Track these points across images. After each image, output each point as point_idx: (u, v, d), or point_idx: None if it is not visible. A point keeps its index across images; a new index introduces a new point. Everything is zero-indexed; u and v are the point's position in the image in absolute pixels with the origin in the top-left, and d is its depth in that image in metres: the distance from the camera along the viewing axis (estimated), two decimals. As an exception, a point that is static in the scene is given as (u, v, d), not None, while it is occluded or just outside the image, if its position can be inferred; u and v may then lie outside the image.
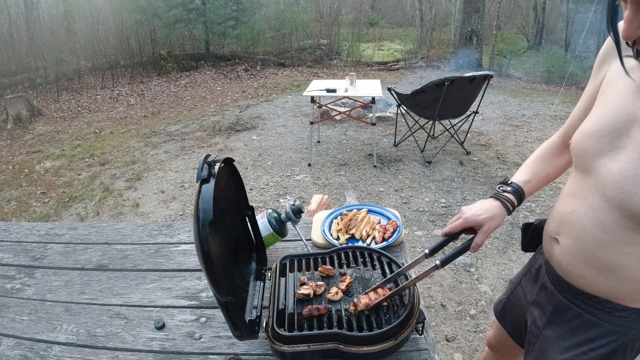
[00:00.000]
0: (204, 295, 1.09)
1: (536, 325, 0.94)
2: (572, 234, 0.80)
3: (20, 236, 1.43)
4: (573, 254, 0.80)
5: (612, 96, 0.75)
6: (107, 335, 0.96)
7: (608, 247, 0.74)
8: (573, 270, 0.82)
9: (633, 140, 0.69)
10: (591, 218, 0.75)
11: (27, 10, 9.27)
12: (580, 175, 0.79)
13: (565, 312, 0.87)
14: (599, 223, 0.74)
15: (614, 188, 0.70)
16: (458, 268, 2.55)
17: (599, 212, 0.74)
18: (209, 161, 0.85)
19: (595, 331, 0.82)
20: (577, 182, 0.80)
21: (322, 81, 4.62)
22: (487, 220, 0.87)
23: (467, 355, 1.93)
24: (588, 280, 0.80)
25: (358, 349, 0.79)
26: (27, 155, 4.92)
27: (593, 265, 0.77)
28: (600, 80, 0.81)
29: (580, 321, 0.84)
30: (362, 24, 12.12)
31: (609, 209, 0.72)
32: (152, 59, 9.05)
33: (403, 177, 3.85)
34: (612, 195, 0.71)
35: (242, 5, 9.97)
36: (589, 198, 0.76)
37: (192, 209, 1.99)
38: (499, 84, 7.78)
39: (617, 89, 0.74)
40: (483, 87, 4.03)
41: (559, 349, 0.86)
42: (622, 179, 0.69)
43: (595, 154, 0.74)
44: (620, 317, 0.79)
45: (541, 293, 0.94)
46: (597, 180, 0.74)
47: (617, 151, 0.71)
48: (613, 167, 0.71)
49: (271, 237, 1.19)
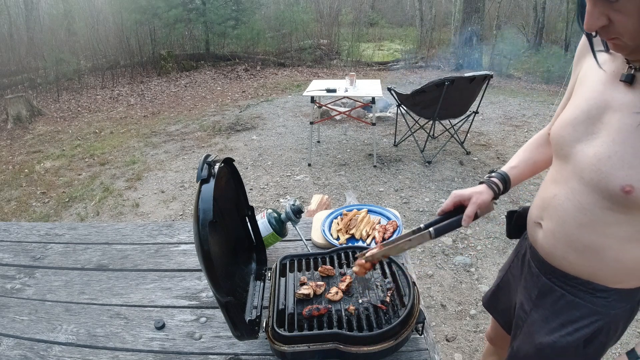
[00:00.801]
0: (204, 295, 1.09)
1: (523, 310, 0.96)
2: (554, 217, 0.84)
3: (20, 236, 1.43)
4: (556, 237, 0.84)
5: (586, 87, 0.80)
6: (107, 335, 0.96)
7: (589, 228, 0.77)
8: (556, 253, 0.85)
9: (606, 124, 0.73)
10: (571, 201, 0.79)
11: (27, 10, 9.27)
12: (560, 162, 0.84)
13: (549, 294, 0.89)
14: (579, 205, 0.78)
15: (591, 171, 0.74)
16: (458, 268, 2.55)
17: (579, 195, 0.77)
18: (209, 161, 0.85)
19: (579, 312, 0.84)
20: (557, 169, 0.85)
21: (322, 81, 4.62)
22: (474, 193, 0.93)
23: (467, 355, 1.93)
24: (570, 261, 0.83)
25: (358, 349, 0.79)
26: (27, 155, 4.92)
27: (574, 246, 0.80)
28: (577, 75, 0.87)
29: (564, 302, 0.86)
30: (362, 24, 12.12)
31: (587, 192, 0.76)
32: (152, 59, 9.05)
33: (403, 177, 3.85)
34: (590, 177, 0.75)
35: (242, 5, 9.97)
36: (568, 183, 0.80)
37: (192, 209, 1.99)
38: (499, 84, 7.78)
39: (590, 80, 0.80)
40: (483, 87, 4.03)
41: (545, 330, 0.89)
42: (598, 161, 0.73)
43: (573, 141, 0.79)
44: (601, 298, 0.82)
45: (527, 277, 0.97)
46: (575, 165, 0.78)
47: (592, 136, 0.75)
48: (589, 151, 0.75)
49: (271, 237, 1.19)
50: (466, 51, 9.05)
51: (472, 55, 9.02)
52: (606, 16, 0.63)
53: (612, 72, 0.74)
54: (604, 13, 0.63)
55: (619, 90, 0.72)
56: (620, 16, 0.62)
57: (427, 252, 2.73)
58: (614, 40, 0.66)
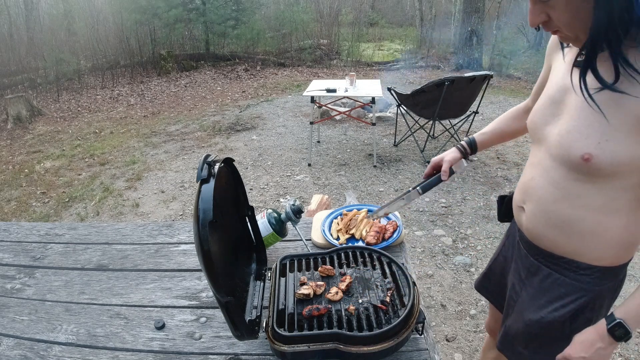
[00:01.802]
0: (204, 295, 1.09)
1: (515, 290, 1.01)
2: (534, 198, 0.90)
3: (20, 236, 1.43)
4: (536, 217, 0.90)
5: (553, 76, 0.90)
6: (107, 335, 0.96)
7: (563, 201, 0.83)
8: (538, 233, 0.91)
9: (566, 105, 0.82)
10: (545, 179, 0.86)
11: (27, 10, 9.27)
12: (535, 146, 0.92)
13: (537, 273, 0.95)
14: (552, 181, 0.85)
15: (557, 146, 0.82)
16: (458, 268, 2.55)
17: (551, 171, 0.85)
18: (209, 161, 0.85)
19: (564, 289, 0.89)
20: (534, 154, 0.93)
21: (322, 81, 4.62)
22: (444, 155, 1.15)
23: (467, 355, 1.93)
24: (552, 240, 0.89)
25: (358, 349, 0.79)
26: (27, 155, 4.92)
27: (553, 223, 0.86)
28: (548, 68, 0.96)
29: (550, 280, 0.91)
30: (362, 24, 12.12)
31: (556, 166, 0.83)
32: (152, 59, 9.04)
33: (403, 177, 3.85)
34: (556, 153, 0.82)
35: (242, 5, 9.97)
36: (542, 163, 0.88)
37: (192, 209, 1.99)
38: (499, 84, 7.78)
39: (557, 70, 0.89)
40: (483, 87, 4.03)
41: (533, 308, 0.94)
42: (561, 137, 0.81)
43: (543, 124, 0.88)
44: (585, 275, 0.86)
45: (517, 259, 1.02)
46: (546, 146, 0.86)
47: (557, 117, 0.84)
48: (555, 130, 0.84)
49: (271, 237, 1.19)
50: (466, 51, 9.05)
51: (472, 55, 9.01)
52: (545, 13, 0.73)
53: (570, 60, 0.82)
54: (543, 10, 0.73)
55: (575, 74, 0.78)
56: (555, 12, 0.71)
57: (427, 252, 2.73)
58: (557, 32, 0.76)
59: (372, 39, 12.33)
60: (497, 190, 3.53)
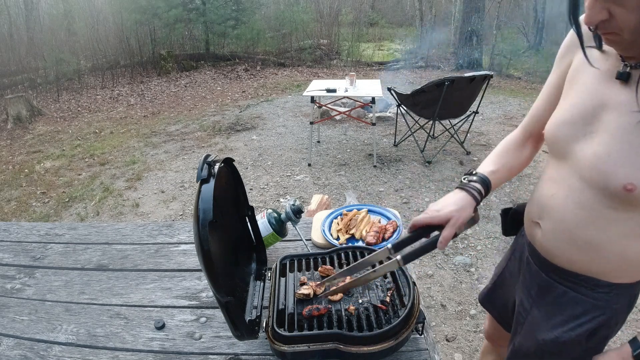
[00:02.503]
0: (204, 295, 1.09)
1: (523, 307, 0.96)
2: (554, 216, 0.83)
3: (20, 236, 1.43)
4: (556, 235, 0.83)
5: (580, 85, 0.78)
6: (107, 335, 0.96)
7: (590, 226, 0.77)
8: (556, 252, 0.85)
9: (603, 123, 0.72)
10: (572, 199, 0.78)
11: (27, 10, 9.26)
12: (557, 161, 0.83)
13: (550, 291, 0.89)
14: (579, 204, 0.77)
15: (590, 170, 0.74)
16: (458, 268, 2.55)
17: (579, 194, 0.77)
18: (209, 161, 0.85)
19: (581, 307, 0.84)
20: (555, 168, 0.84)
21: (322, 81, 4.62)
22: (453, 213, 0.83)
23: (467, 355, 1.93)
24: (571, 259, 0.82)
25: (358, 349, 0.79)
26: (27, 155, 4.92)
27: (576, 244, 0.80)
28: (561, 74, 0.85)
29: (565, 299, 0.86)
30: (362, 24, 12.11)
31: (587, 190, 0.75)
32: (152, 59, 9.04)
33: (403, 177, 3.85)
34: (590, 176, 0.74)
35: (242, 5, 9.97)
36: (567, 181, 0.79)
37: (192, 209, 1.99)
38: (499, 84, 7.78)
39: (584, 78, 0.78)
40: (483, 87, 4.03)
41: (547, 327, 0.88)
42: (597, 160, 0.72)
43: (570, 141, 0.78)
44: (603, 293, 0.81)
45: (526, 275, 0.96)
46: (574, 164, 0.77)
47: (590, 135, 0.74)
48: (588, 150, 0.74)
49: (271, 237, 1.19)
50: (466, 51, 9.05)
51: (472, 55, 9.01)
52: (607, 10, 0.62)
53: (606, 70, 0.74)
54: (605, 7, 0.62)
55: (615, 88, 0.71)
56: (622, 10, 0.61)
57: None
58: (611, 35, 0.65)
59: (372, 39, 12.33)
60: (497, 190, 3.54)
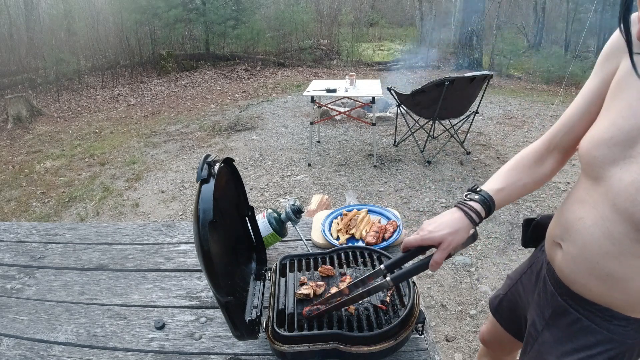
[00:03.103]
0: (204, 295, 1.09)
1: (535, 328, 0.93)
2: (578, 241, 0.77)
3: (20, 236, 1.43)
4: (576, 262, 0.78)
5: (625, 101, 0.70)
6: (107, 335, 0.96)
7: (615, 258, 0.71)
8: (575, 278, 0.80)
9: None
10: (600, 228, 0.72)
11: (27, 10, 9.26)
12: (590, 182, 0.75)
13: (564, 316, 0.85)
14: (608, 234, 0.71)
15: (626, 200, 0.67)
16: (458, 268, 2.55)
17: (609, 223, 0.70)
18: (209, 161, 0.85)
19: (594, 338, 0.80)
20: (587, 189, 0.76)
21: (322, 81, 4.62)
22: (446, 237, 0.79)
23: (467, 355, 1.93)
24: (590, 288, 0.78)
25: (358, 349, 0.79)
26: (27, 155, 4.92)
27: (597, 274, 0.75)
28: (605, 79, 0.76)
29: (578, 326, 0.82)
30: (362, 24, 12.12)
31: (619, 221, 0.69)
32: (152, 59, 9.05)
33: (403, 177, 3.85)
34: (624, 207, 0.67)
35: (242, 5, 9.97)
36: (598, 207, 0.73)
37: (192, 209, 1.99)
38: (499, 84, 7.78)
39: (629, 92, 0.69)
40: (483, 87, 4.03)
41: (556, 353, 0.85)
42: (636, 190, 0.66)
43: (607, 163, 0.70)
44: (619, 326, 0.77)
45: (541, 294, 0.93)
46: (608, 190, 0.70)
47: (630, 160, 0.67)
48: (626, 177, 0.67)
49: (271, 237, 1.19)
50: (466, 51, 9.05)
51: (472, 55, 9.02)
52: None
53: None
54: None
55: None
56: None
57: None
58: None
59: (372, 39, 12.33)
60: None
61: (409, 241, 0.83)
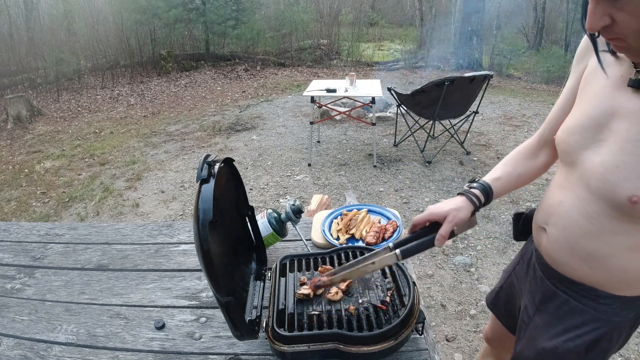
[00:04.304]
0: (204, 295, 1.09)
1: (527, 314, 0.96)
2: (559, 224, 0.82)
3: (20, 236, 1.43)
4: (559, 243, 0.83)
5: (591, 91, 0.77)
6: (107, 335, 0.96)
7: (594, 237, 0.76)
8: (559, 259, 0.84)
9: (613, 132, 0.71)
10: (577, 209, 0.78)
11: (27, 10, 9.26)
12: (567, 169, 0.82)
13: (553, 299, 0.89)
14: (585, 213, 0.76)
15: (598, 180, 0.72)
16: (458, 268, 2.55)
17: (585, 203, 0.76)
18: (209, 161, 0.85)
19: (581, 318, 0.83)
20: (564, 175, 0.83)
21: (322, 81, 4.62)
22: (451, 211, 0.86)
23: (467, 355, 1.93)
24: (574, 268, 0.82)
25: (358, 349, 0.79)
26: (27, 155, 4.92)
27: (578, 254, 0.79)
28: (578, 77, 0.83)
29: (567, 308, 0.86)
30: (362, 24, 12.11)
31: (594, 200, 0.74)
32: (152, 59, 9.05)
33: (403, 177, 3.85)
34: (596, 186, 0.73)
35: (242, 5, 9.97)
36: (575, 190, 0.78)
37: (192, 209, 1.99)
38: (499, 84, 7.78)
39: (595, 84, 0.77)
40: (483, 87, 4.03)
41: (547, 335, 0.88)
42: (605, 170, 0.71)
43: (579, 148, 0.77)
44: (605, 305, 0.80)
45: (532, 281, 0.96)
46: (582, 173, 0.76)
47: (599, 144, 0.73)
48: (596, 159, 0.73)
49: (271, 237, 1.19)
50: (466, 51, 9.05)
51: (472, 55, 9.02)
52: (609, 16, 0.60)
53: (619, 77, 0.72)
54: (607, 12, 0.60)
55: (627, 96, 0.69)
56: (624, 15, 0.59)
57: (427, 252, 2.73)
58: (617, 41, 0.64)
59: (372, 39, 12.33)
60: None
61: (416, 219, 0.89)
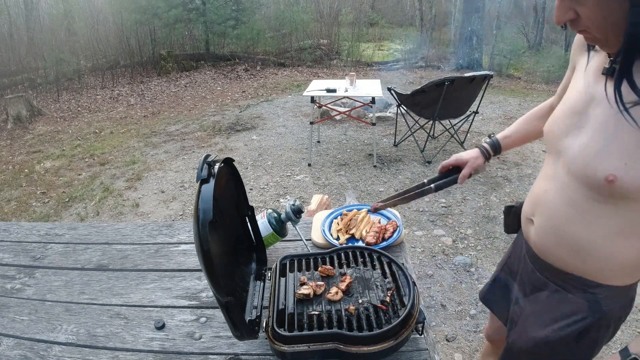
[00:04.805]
0: (204, 295, 1.09)
1: (519, 305, 0.98)
2: (545, 213, 0.85)
3: (20, 236, 1.43)
4: (546, 233, 0.85)
5: (575, 81, 0.83)
6: (107, 335, 0.96)
7: (577, 222, 0.78)
8: (547, 249, 0.87)
9: (590, 117, 0.75)
10: (561, 196, 0.80)
11: (27, 10, 9.26)
12: (552, 158, 0.85)
13: (543, 289, 0.90)
14: (568, 199, 0.79)
15: (577, 163, 0.75)
16: (458, 268, 2.55)
17: (567, 189, 0.79)
18: (208, 161, 0.85)
19: (571, 307, 0.85)
20: (550, 165, 0.86)
21: (322, 81, 4.62)
22: (470, 158, 1.12)
23: (467, 355, 1.93)
24: (561, 257, 0.84)
25: (358, 349, 0.79)
26: (27, 155, 4.92)
27: (565, 243, 0.81)
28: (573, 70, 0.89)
29: (556, 298, 0.87)
30: (362, 24, 12.11)
31: (575, 184, 0.77)
32: (152, 59, 9.04)
33: (403, 177, 3.85)
34: (576, 169, 0.76)
35: (242, 5, 9.97)
36: (559, 177, 0.81)
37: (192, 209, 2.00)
38: (499, 84, 7.78)
39: (578, 75, 0.82)
40: (483, 87, 4.03)
41: (537, 325, 0.90)
42: (582, 152, 0.74)
43: (562, 135, 0.80)
44: (593, 294, 0.82)
45: (523, 273, 0.98)
46: (565, 160, 0.79)
47: (579, 130, 0.77)
48: (575, 144, 0.77)
49: (271, 237, 1.19)
50: (466, 51, 9.05)
51: (472, 55, 9.01)
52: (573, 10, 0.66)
53: (596, 66, 0.76)
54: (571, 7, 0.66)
55: (602, 84, 0.73)
56: (586, 10, 0.64)
57: (427, 252, 2.73)
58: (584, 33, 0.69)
59: (372, 39, 12.32)
60: (497, 190, 3.54)
61: (445, 163, 1.16)
